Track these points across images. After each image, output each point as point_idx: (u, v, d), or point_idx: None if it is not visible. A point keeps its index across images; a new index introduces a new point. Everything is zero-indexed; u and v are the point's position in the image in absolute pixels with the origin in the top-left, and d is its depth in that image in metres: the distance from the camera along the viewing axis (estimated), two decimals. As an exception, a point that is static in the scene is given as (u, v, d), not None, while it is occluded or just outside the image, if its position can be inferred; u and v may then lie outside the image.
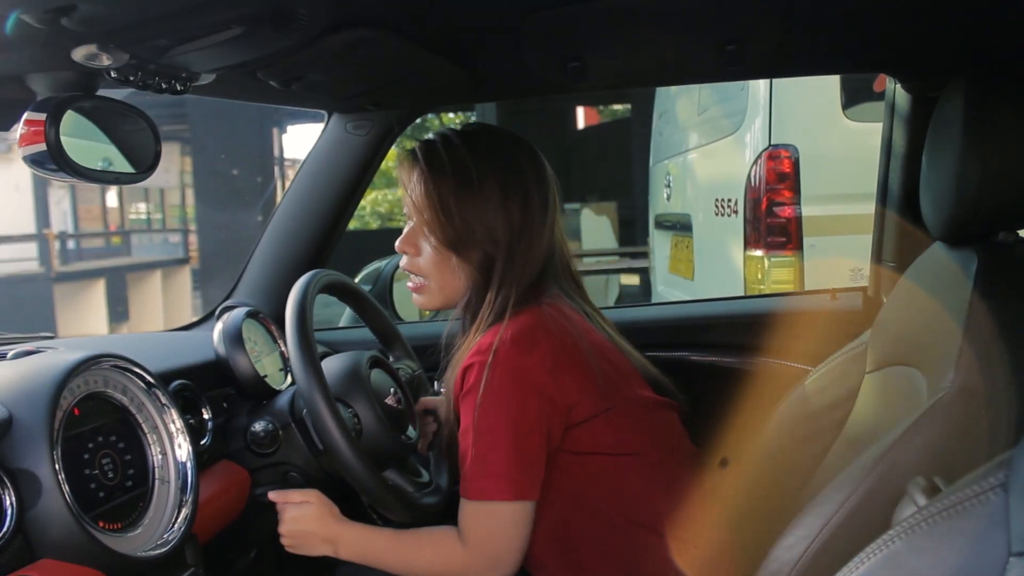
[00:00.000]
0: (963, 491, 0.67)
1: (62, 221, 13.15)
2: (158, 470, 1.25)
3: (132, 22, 0.93)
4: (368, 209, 19.45)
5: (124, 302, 9.42)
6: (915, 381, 1.30)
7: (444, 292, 1.36)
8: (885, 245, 1.81)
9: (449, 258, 1.33)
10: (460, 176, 1.30)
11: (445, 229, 1.31)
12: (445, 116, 16.66)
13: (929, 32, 1.39)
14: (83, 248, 12.45)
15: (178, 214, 16.00)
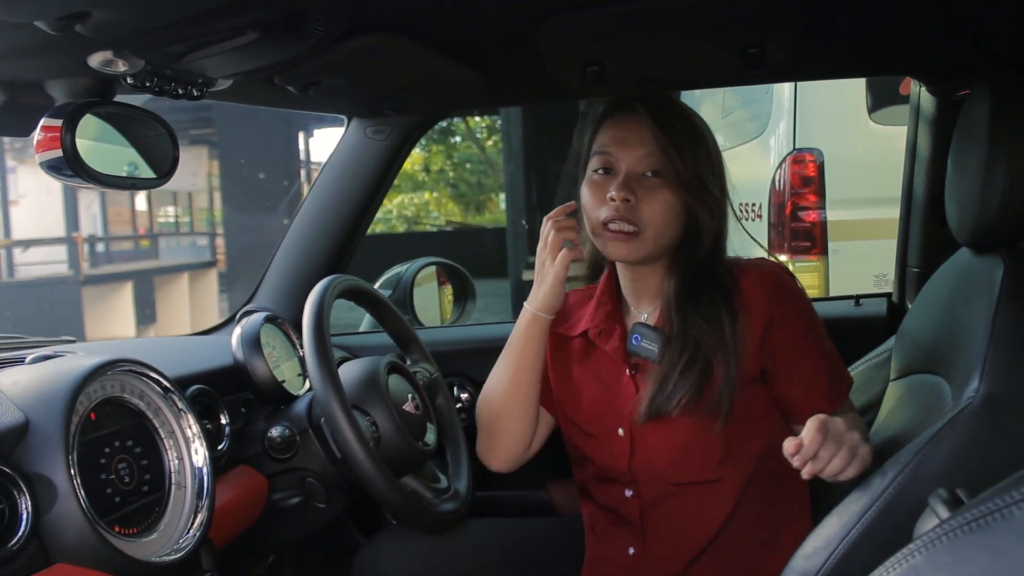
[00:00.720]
0: (986, 504, 0.65)
1: (92, 224, 13.30)
2: (174, 475, 1.25)
3: (146, 28, 0.93)
4: (395, 213, 19.54)
5: (151, 305, 9.50)
6: (940, 389, 1.27)
7: (657, 241, 1.37)
8: (910, 250, 1.78)
9: (674, 205, 1.36)
10: (691, 130, 1.38)
11: (685, 172, 1.35)
12: (472, 120, 16.73)
13: (953, 34, 1.37)
14: (112, 251, 12.60)
15: (206, 217, 16.13)
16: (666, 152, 1.35)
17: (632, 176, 1.36)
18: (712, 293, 1.36)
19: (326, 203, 1.80)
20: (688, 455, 1.36)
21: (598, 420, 1.44)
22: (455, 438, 1.64)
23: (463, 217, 19.28)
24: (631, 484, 1.42)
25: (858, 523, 1.05)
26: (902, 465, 1.05)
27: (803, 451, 1.08)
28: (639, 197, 1.35)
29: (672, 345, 1.35)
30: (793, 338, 1.35)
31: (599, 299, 1.48)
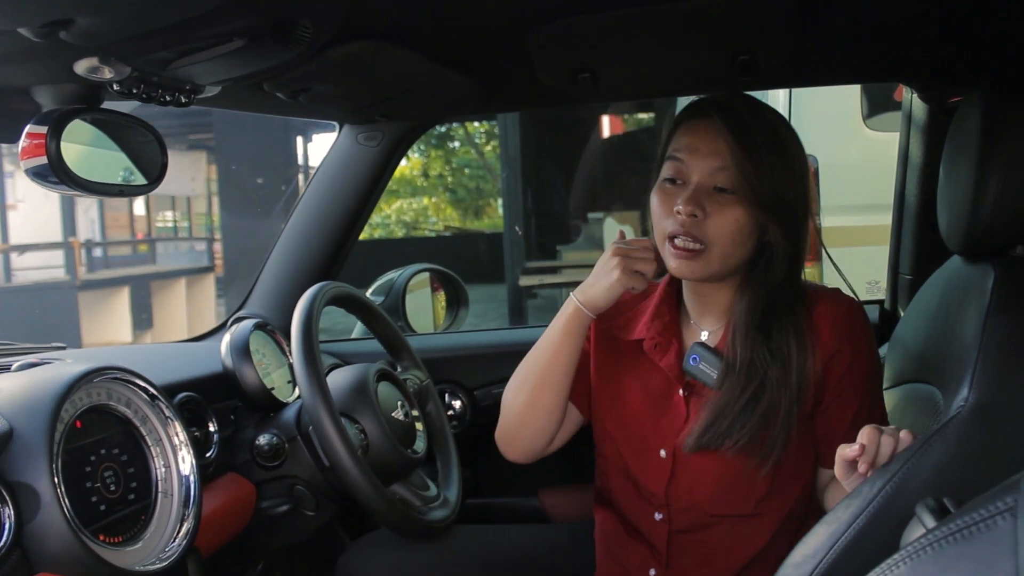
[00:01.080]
0: (970, 515, 0.64)
1: (90, 229, 13.28)
2: (161, 483, 1.24)
3: (132, 35, 0.92)
4: (394, 218, 19.54)
5: (148, 310, 9.49)
6: (932, 398, 1.27)
7: (725, 261, 1.28)
8: (902, 257, 1.78)
9: (746, 224, 1.27)
10: (772, 142, 1.28)
11: (762, 191, 1.26)
12: (470, 125, 16.74)
13: (946, 42, 1.37)
14: (109, 256, 12.57)
15: (204, 222, 16.12)
16: (740, 166, 1.25)
17: (702, 189, 1.27)
18: (783, 322, 1.28)
19: (318, 209, 1.79)
20: (732, 488, 1.31)
21: (639, 437, 1.39)
22: (445, 446, 1.63)
23: (462, 222, 19.28)
24: (662, 508, 1.36)
25: (846, 531, 1.04)
26: (891, 474, 1.05)
27: (867, 454, 1.06)
28: (707, 212, 1.26)
29: (735, 376, 1.27)
30: (849, 379, 1.29)
31: (657, 308, 1.40)
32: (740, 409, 1.26)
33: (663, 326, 1.38)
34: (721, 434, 1.27)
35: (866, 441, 1.06)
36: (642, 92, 1.65)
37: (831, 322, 1.29)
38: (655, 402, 1.38)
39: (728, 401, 1.27)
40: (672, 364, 1.35)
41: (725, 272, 1.31)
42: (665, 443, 1.36)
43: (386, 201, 19.63)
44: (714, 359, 1.30)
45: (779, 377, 1.26)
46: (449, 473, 1.59)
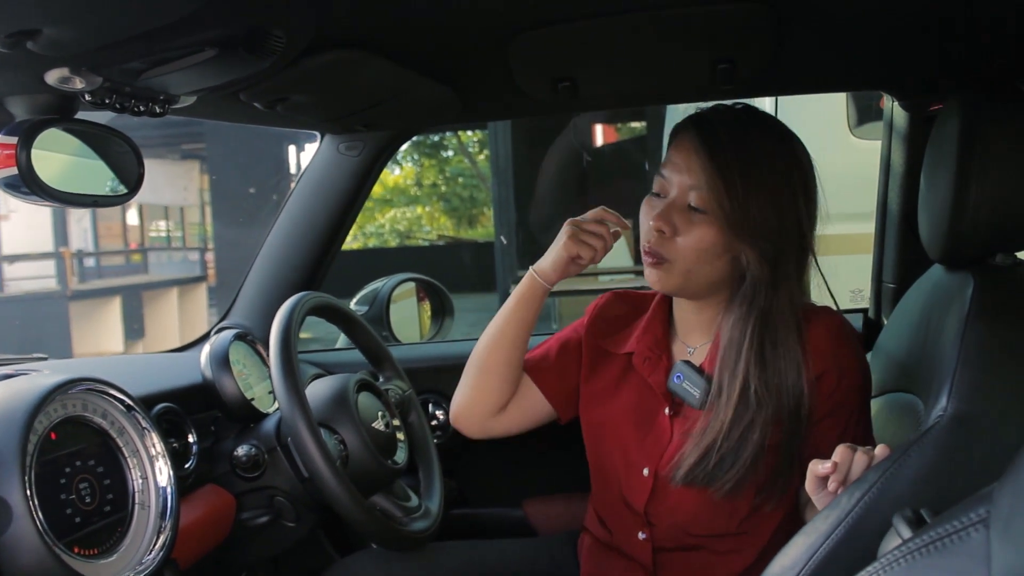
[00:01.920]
0: (943, 526, 0.64)
1: (83, 239, 13.27)
2: (138, 495, 1.23)
3: (100, 45, 0.92)
4: (388, 227, 19.55)
5: (140, 320, 9.48)
6: (915, 408, 1.26)
7: (690, 277, 1.26)
8: (885, 266, 1.78)
9: (714, 245, 1.24)
10: (752, 164, 1.23)
11: (733, 214, 1.22)
12: (464, 134, 16.75)
13: (925, 50, 1.37)
14: (102, 266, 12.57)
15: (197, 232, 16.11)
16: (711, 186, 1.23)
17: (676, 205, 1.26)
18: (778, 351, 1.23)
19: (300, 219, 1.79)
20: (715, 509, 1.28)
21: (622, 452, 1.37)
22: (428, 456, 1.62)
23: (455, 231, 19.29)
24: (645, 527, 1.35)
25: (824, 543, 1.04)
26: (868, 484, 1.04)
27: (839, 472, 1.04)
28: (677, 229, 1.25)
29: (723, 407, 1.24)
30: (835, 399, 1.26)
31: (648, 322, 1.40)
32: (729, 450, 1.22)
33: (654, 341, 1.37)
34: (708, 474, 1.23)
35: (839, 459, 1.05)
36: (623, 101, 1.65)
37: (819, 343, 1.26)
38: (641, 419, 1.36)
39: (715, 437, 1.23)
40: (660, 381, 1.34)
41: (697, 288, 1.29)
42: (648, 462, 1.34)
43: (380, 210, 19.68)
44: (697, 378, 1.28)
45: (773, 414, 1.22)
46: (431, 484, 1.58)
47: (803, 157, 1.30)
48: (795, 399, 1.23)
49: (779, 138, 1.29)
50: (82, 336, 8.55)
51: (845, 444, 1.06)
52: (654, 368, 1.35)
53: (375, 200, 19.67)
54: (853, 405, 1.28)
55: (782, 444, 1.23)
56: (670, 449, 1.32)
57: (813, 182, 1.30)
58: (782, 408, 1.23)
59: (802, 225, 1.26)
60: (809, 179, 1.29)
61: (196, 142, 11.83)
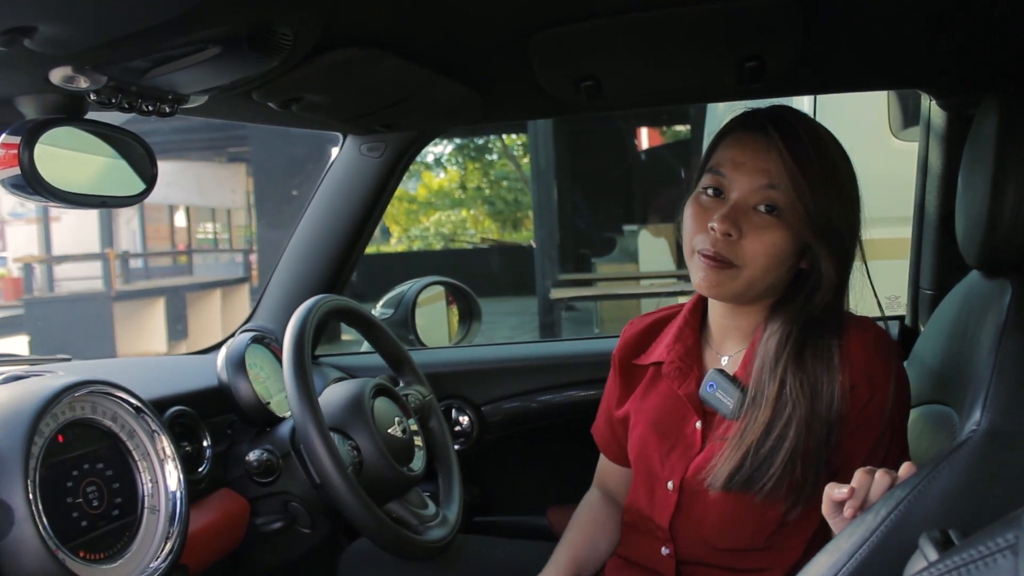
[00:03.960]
0: (970, 551, 0.60)
1: (131, 240, 13.51)
2: (148, 499, 1.22)
3: (100, 43, 0.90)
4: (432, 230, 19.66)
5: (184, 320, 9.61)
6: (950, 421, 1.20)
7: (752, 285, 1.21)
8: (923, 271, 1.71)
9: (785, 248, 1.19)
10: (827, 163, 1.20)
11: (814, 215, 1.17)
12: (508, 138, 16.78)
13: (961, 46, 1.31)
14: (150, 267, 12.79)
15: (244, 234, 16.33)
16: (795, 185, 1.17)
17: (742, 207, 1.20)
18: (818, 355, 1.19)
19: (322, 221, 1.78)
20: (740, 523, 1.23)
21: (646, 466, 1.33)
22: (448, 463, 1.59)
23: (500, 234, 19.33)
24: (668, 542, 1.31)
25: (848, 562, 0.98)
26: (896, 501, 0.99)
27: (855, 497, 1.01)
28: (744, 232, 1.19)
29: (759, 410, 1.19)
30: (868, 413, 1.20)
31: (680, 331, 1.34)
32: (768, 451, 1.17)
33: (685, 350, 1.32)
34: (749, 478, 1.18)
35: (857, 484, 1.00)
36: (647, 101, 1.60)
37: (854, 353, 1.20)
38: (667, 431, 1.31)
39: (753, 440, 1.19)
40: (691, 392, 1.28)
41: (753, 295, 1.24)
42: (673, 475, 1.29)
43: (425, 213, 19.80)
44: (731, 387, 1.23)
45: (807, 415, 1.17)
46: (450, 491, 1.55)
47: (848, 160, 1.26)
48: (827, 404, 1.18)
49: (832, 140, 1.25)
50: (126, 337, 8.68)
51: (864, 468, 1.02)
52: (684, 379, 1.30)
53: (420, 203, 19.81)
54: (887, 421, 1.21)
55: (812, 450, 1.18)
56: (698, 460, 1.27)
57: (857, 184, 1.27)
58: (814, 412, 1.18)
59: (857, 228, 1.24)
60: (855, 182, 1.26)
61: (243, 145, 11.98)
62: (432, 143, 10.52)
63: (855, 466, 1.19)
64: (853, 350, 1.20)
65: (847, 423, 1.20)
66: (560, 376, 1.85)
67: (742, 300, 1.25)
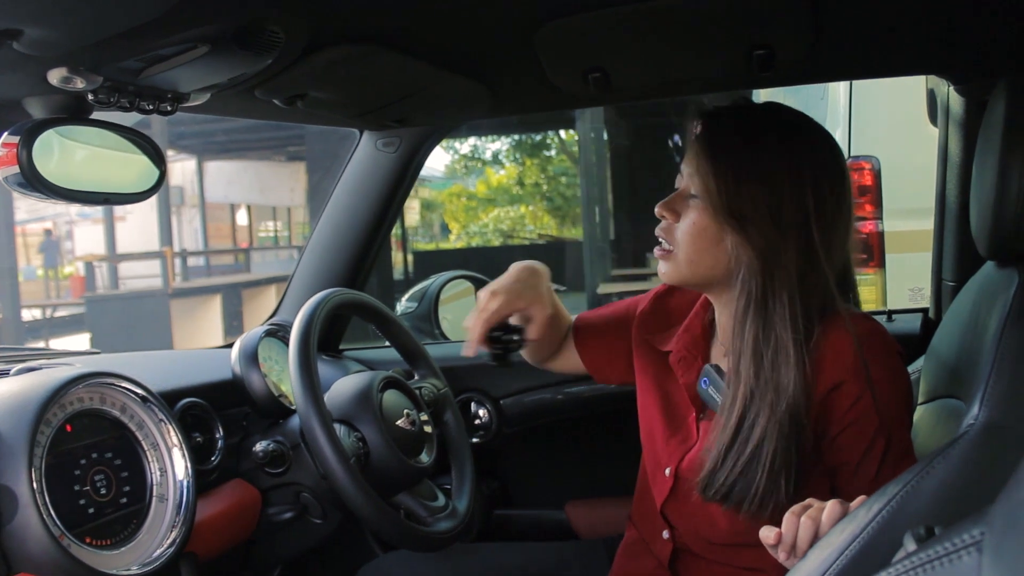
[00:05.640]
0: (935, 547, 0.59)
1: (193, 239, 13.85)
2: (156, 487, 1.25)
3: (86, 44, 0.93)
4: (491, 227, 19.70)
5: (239, 317, 9.82)
6: (962, 415, 1.17)
7: (692, 268, 1.24)
8: (945, 262, 1.66)
9: (706, 230, 1.21)
10: (743, 144, 1.22)
11: (720, 198, 1.20)
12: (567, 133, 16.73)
13: (977, 29, 1.27)
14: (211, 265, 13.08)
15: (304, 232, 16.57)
16: (700, 170, 1.22)
17: (681, 194, 1.26)
18: (771, 339, 1.17)
19: (341, 217, 1.80)
20: (732, 520, 1.22)
21: (652, 451, 1.35)
22: (461, 456, 1.60)
23: (558, 230, 19.29)
24: (667, 526, 1.33)
25: (838, 559, 0.96)
26: (888, 497, 0.96)
27: (783, 542, 0.98)
28: (678, 216, 1.25)
29: (728, 402, 1.19)
30: (857, 411, 1.17)
31: (691, 321, 1.36)
32: (745, 457, 1.16)
33: (692, 340, 1.33)
34: (729, 491, 1.18)
35: (784, 529, 0.98)
36: (657, 92, 1.58)
37: (840, 350, 1.17)
38: (671, 419, 1.33)
39: (725, 443, 1.18)
40: (692, 383, 1.29)
41: (703, 279, 1.25)
42: (671, 462, 1.31)
43: (484, 210, 19.85)
44: (721, 383, 1.24)
45: (771, 412, 1.16)
46: (462, 484, 1.56)
47: (822, 155, 1.22)
48: (791, 400, 1.15)
49: (790, 131, 1.23)
50: (183, 333, 8.89)
51: (793, 509, 0.99)
52: (688, 369, 1.31)
53: (479, 200, 19.87)
54: (882, 421, 1.18)
55: (787, 449, 1.16)
56: (691, 453, 1.28)
57: (835, 182, 1.21)
58: (776, 407, 1.16)
59: (808, 219, 1.18)
60: (827, 178, 1.20)
61: (302, 144, 12.17)
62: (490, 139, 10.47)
63: (851, 465, 1.18)
64: (839, 347, 1.17)
65: (834, 422, 1.18)
66: None
67: (696, 285, 1.28)
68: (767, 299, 1.18)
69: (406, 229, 13.01)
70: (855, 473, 1.19)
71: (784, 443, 1.15)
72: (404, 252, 12.21)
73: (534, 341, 1.42)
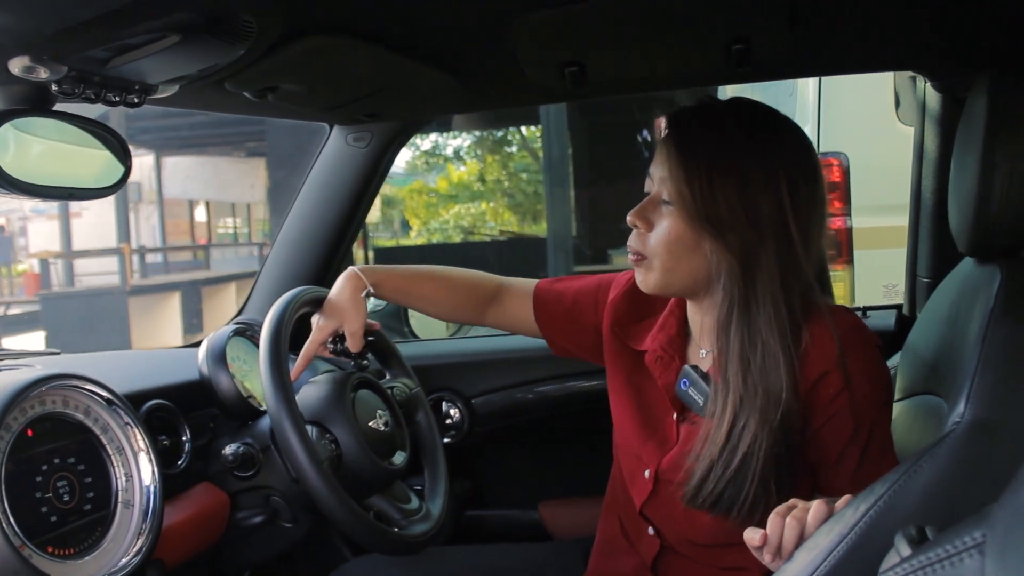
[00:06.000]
0: (936, 550, 0.57)
1: (151, 235, 13.62)
2: (122, 493, 1.21)
3: (50, 32, 0.89)
4: (452, 223, 19.64)
5: (199, 314, 9.67)
6: (940, 412, 1.17)
7: (669, 275, 1.21)
8: (920, 259, 1.67)
9: (682, 237, 1.18)
10: (718, 152, 1.17)
11: (695, 204, 1.16)
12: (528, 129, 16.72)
13: (955, 25, 1.26)
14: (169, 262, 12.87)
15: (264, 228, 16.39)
16: (673, 176, 1.18)
17: (653, 201, 1.22)
18: (757, 342, 1.16)
19: (311, 213, 1.76)
20: (716, 521, 1.19)
21: (630, 452, 1.33)
22: (434, 456, 1.57)
23: (519, 227, 19.28)
24: (651, 525, 1.31)
25: (826, 560, 0.95)
26: (875, 497, 0.95)
27: (769, 544, 0.97)
28: (652, 224, 1.22)
29: (717, 408, 1.17)
30: (840, 402, 1.16)
31: (664, 319, 1.33)
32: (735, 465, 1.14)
33: (667, 340, 1.31)
34: (718, 499, 1.16)
35: (769, 530, 0.96)
36: (634, 87, 1.57)
37: (822, 343, 1.16)
38: (648, 419, 1.31)
39: (716, 451, 1.16)
40: (670, 384, 1.27)
41: (682, 286, 1.23)
42: (650, 464, 1.29)
43: (445, 206, 19.77)
44: (702, 384, 1.22)
45: (762, 416, 1.14)
46: (435, 485, 1.53)
47: (794, 150, 1.20)
48: (780, 403, 1.14)
49: (760, 127, 1.20)
50: (141, 330, 8.74)
51: (777, 510, 0.98)
52: (665, 369, 1.29)
53: (440, 196, 19.79)
54: (863, 414, 1.17)
55: (778, 454, 1.14)
56: (672, 454, 1.26)
57: (809, 176, 1.19)
58: (767, 412, 1.14)
59: (785, 217, 1.16)
60: (801, 172, 1.18)
61: (262, 139, 12.02)
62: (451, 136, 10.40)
63: (832, 459, 1.17)
64: (821, 340, 1.16)
65: (818, 413, 1.17)
66: (552, 368, 1.83)
67: (676, 292, 1.26)
68: (750, 304, 1.17)
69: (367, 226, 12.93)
70: (836, 467, 1.18)
71: (774, 448, 1.14)
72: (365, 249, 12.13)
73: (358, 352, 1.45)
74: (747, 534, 0.99)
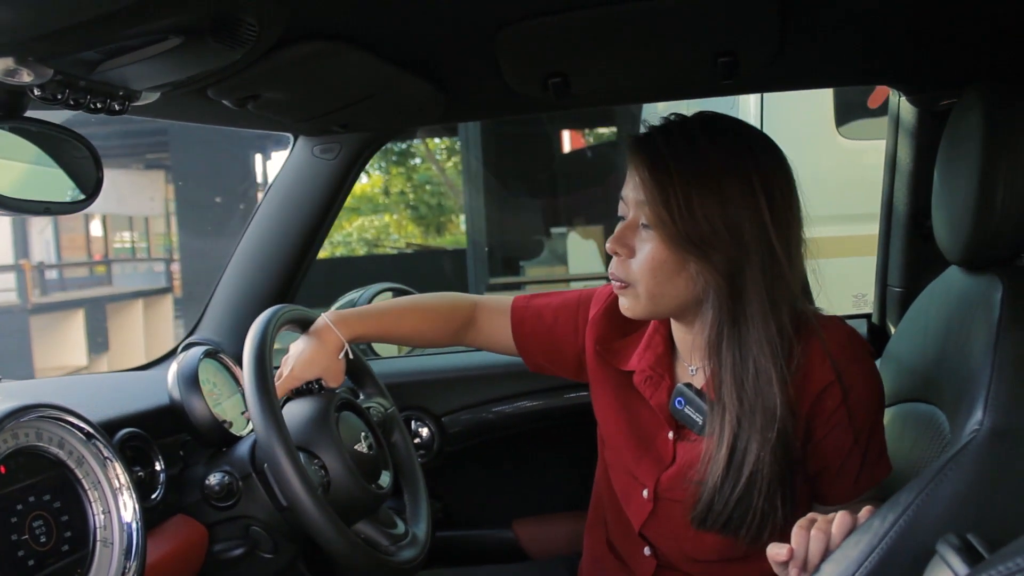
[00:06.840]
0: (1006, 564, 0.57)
1: (44, 251, 12.97)
2: (100, 531, 1.12)
3: (46, 32, 0.81)
4: (355, 236, 19.41)
5: (104, 333, 9.24)
6: (936, 420, 1.19)
7: (656, 300, 1.18)
8: (891, 269, 1.70)
9: (666, 261, 1.16)
10: (696, 173, 1.14)
11: (676, 227, 1.14)
12: (431, 142, 16.69)
13: (937, 43, 1.30)
14: (66, 278, 12.28)
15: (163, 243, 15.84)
16: (652, 200, 1.15)
17: (631, 226, 1.19)
18: (748, 359, 1.15)
19: (272, 227, 1.68)
20: (720, 537, 1.19)
21: (623, 471, 1.31)
22: (413, 478, 1.52)
23: (424, 239, 19.19)
24: (647, 544, 1.29)
25: (857, 571, 0.95)
26: (903, 507, 0.96)
27: (796, 558, 0.96)
28: (632, 250, 1.19)
29: (715, 428, 1.16)
30: (842, 413, 1.17)
31: (650, 337, 1.31)
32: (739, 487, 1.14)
33: (655, 359, 1.29)
34: (727, 521, 1.16)
35: (795, 544, 0.96)
36: (618, 98, 1.56)
37: (820, 355, 1.17)
38: (641, 439, 1.29)
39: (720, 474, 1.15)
40: (663, 403, 1.25)
41: (670, 309, 1.22)
42: (647, 482, 1.27)
43: (347, 219, 19.53)
44: (699, 402, 1.21)
45: (761, 434, 1.14)
46: (417, 508, 1.48)
47: (766, 159, 1.18)
48: (776, 420, 1.13)
49: (733, 142, 1.17)
50: (44, 351, 8.31)
51: (801, 523, 0.98)
52: (656, 388, 1.27)
53: (343, 209, 19.52)
54: (862, 421, 1.19)
55: (781, 470, 1.14)
56: (670, 472, 1.25)
57: (783, 184, 1.18)
58: (766, 431, 1.14)
59: (766, 229, 1.14)
60: (775, 181, 1.17)
61: (162, 151, 11.61)
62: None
63: (833, 468, 1.19)
64: (818, 352, 1.17)
65: (821, 425, 1.18)
66: (522, 384, 1.80)
67: (666, 315, 1.24)
68: (739, 322, 1.15)
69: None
70: (838, 475, 1.19)
71: (778, 466, 1.13)
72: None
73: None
74: (771, 550, 0.98)
